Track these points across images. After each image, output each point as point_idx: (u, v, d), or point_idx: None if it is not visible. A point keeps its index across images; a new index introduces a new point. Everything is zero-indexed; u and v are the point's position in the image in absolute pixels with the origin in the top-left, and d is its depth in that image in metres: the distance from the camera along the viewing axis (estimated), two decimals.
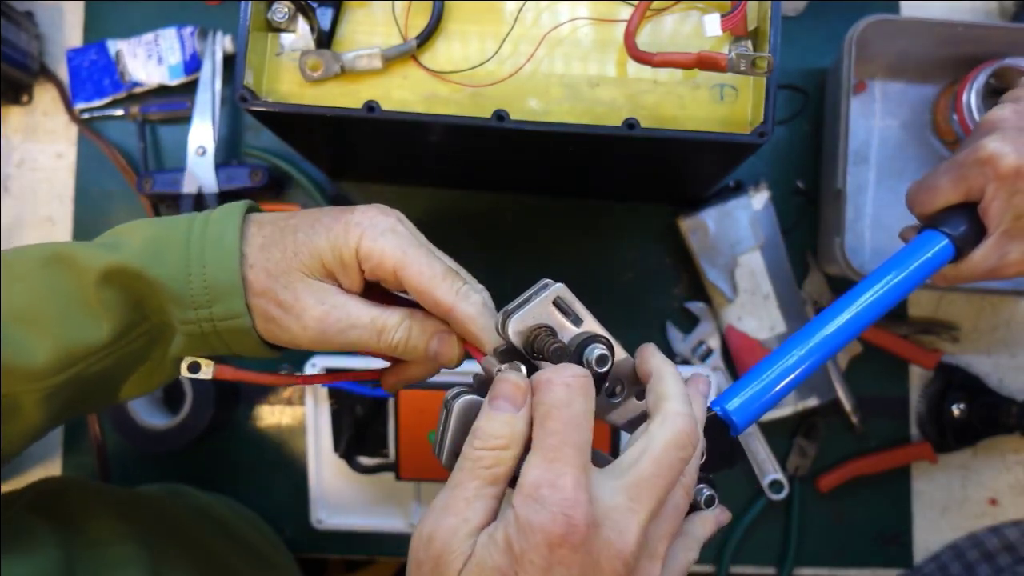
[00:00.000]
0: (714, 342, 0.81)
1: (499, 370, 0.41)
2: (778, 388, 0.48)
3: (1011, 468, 0.82)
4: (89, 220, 0.82)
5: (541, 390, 0.38)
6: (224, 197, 0.79)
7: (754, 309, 0.79)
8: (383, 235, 0.43)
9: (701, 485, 0.43)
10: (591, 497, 0.35)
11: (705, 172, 0.71)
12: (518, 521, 0.35)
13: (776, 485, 0.80)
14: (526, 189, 0.82)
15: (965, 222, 0.54)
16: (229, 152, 0.82)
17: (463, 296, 0.43)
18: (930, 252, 0.54)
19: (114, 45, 0.81)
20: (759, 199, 0.79)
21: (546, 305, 0.41)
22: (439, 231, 0.83)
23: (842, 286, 0.80)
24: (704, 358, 0.81)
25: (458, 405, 0.40)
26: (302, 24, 0.56)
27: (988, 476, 0.82)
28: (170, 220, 0.45)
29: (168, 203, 0.81)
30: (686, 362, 0.81)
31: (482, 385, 0.42)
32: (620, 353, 0.44)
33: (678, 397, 0.40)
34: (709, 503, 0.44)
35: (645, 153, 0.60)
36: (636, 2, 0.55)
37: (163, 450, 0.78)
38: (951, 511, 0.82)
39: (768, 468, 0.80)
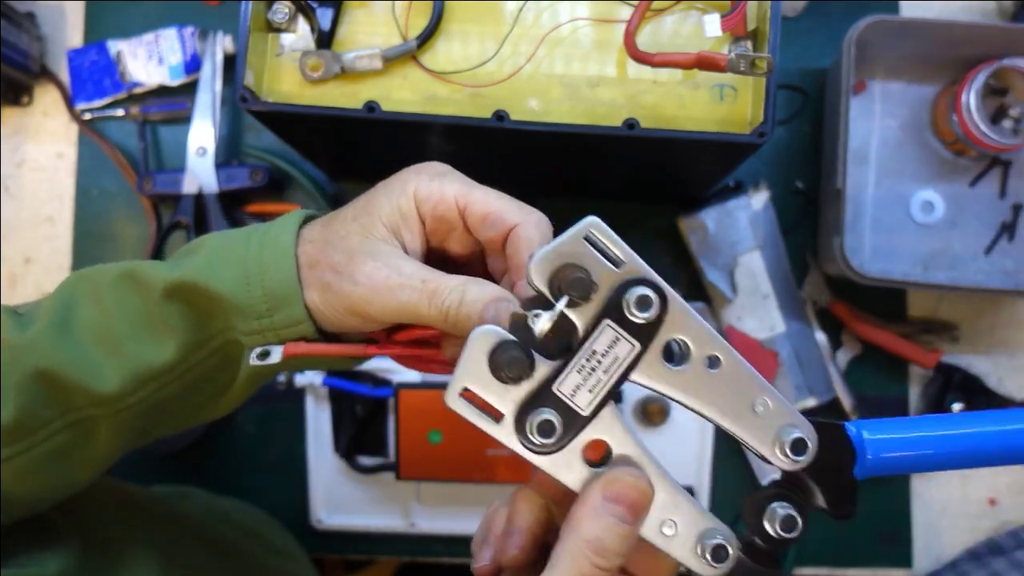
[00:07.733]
0: None
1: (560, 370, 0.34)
2: (932, 441, 0.38)
3: (1010, 468, 0.82)
4: (89, 220, 0.82)
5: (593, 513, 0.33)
6: (224, 197, 0.79)
7: (754, 309, 0.79)
8: (441, 175, 0.42)
9: (780, 503, 0.35)
10: None
11: (705, 172, 0.71)
12: None
13: None
14: (526, 189, 0.82)
15: None
16: (229, 152, 0.82)
17: (529, 212, 0.41)
18: None
19: (114, 45, 0.81)
20: (759, 199, 0.79)
21: (576, 242, 0.34)
22: None
23: (842, 286, 0.80)
24: None
25: (477, 334, 0.34)
26: (302, 24, 0.56)
27: (987, 476, 0.82)
28: (233, 232, 0.44)
29: (168, 203, 0.81)
30: None
31: (515, 328, 0.35)
32: (679, 306, 0.35)
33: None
34: (787, 526, 0.35)
35: (645, 153, 0.60)
36: (636, 2, 0.55)
37: (164, 451, 0.78)
38: (951, 511, 0.82)
39: (768, 468, 0.80)
